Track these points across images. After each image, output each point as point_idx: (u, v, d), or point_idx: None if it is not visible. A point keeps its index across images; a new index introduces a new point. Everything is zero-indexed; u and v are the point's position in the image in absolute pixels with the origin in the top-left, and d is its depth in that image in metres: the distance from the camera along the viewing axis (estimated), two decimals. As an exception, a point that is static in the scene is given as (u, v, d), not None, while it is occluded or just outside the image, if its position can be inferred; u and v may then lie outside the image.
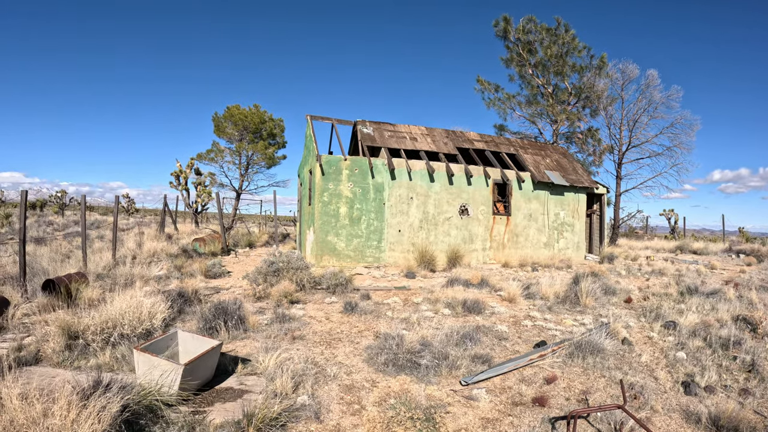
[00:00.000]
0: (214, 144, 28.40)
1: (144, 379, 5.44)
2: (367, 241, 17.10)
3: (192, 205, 30.18)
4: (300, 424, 5.05)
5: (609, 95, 30.30)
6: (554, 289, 11.44)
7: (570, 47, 29.65)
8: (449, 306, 10.21)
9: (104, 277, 12.50)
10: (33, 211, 46.68)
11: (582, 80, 30.15)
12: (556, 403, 5.61)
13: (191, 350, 6.44)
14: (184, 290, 10.53)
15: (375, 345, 7.47)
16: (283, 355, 6.95)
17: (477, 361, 6.91)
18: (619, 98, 30.27)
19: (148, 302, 8.08)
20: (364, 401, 5.66)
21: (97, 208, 61.83)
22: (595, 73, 29.68)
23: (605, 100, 30.19)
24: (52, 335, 7.37)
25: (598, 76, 29.74)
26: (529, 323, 9.19)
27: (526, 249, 19.25)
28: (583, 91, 30.01)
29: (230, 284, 13.14)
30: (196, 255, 18.68)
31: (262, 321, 9.04)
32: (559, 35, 29.69)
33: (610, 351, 7.24)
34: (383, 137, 19.27)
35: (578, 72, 30.20)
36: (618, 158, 30.21)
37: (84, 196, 14.47)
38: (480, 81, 32.82)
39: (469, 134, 21.91)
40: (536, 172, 19.83)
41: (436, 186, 18.04)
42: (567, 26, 29.75)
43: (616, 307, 10.71)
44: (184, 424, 4.88)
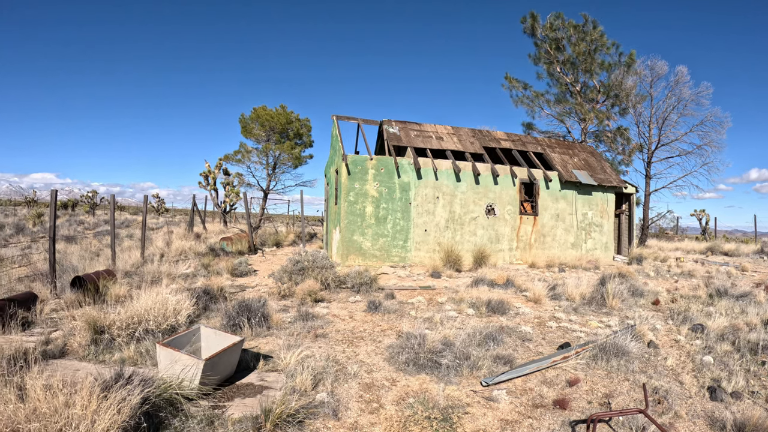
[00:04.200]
0: (241, 145, 28.54)
1: (165, 373, 5.54)
2: (393, 241, 17.08)
3: (220, 204, 30.44)
4: (317, 421, 5.08)
5: (638, 93, 29.83)
6: (580, 291, 11.34)
7: (598, 44, 29.27)
8: (473, 306, 10.18)
9: (132, 275, 12.68)
10: (65, 210, 47.31)
11: (611, 78, 29.73)
12: (578, 406, 5.55)
13: (213, 346, 6.53)
14: (209, 288, 10.69)
15: (397, 344, 7.48)
16: (305, 353, 7.02)
17: (499, 361, 6.88)
18: (648, 96, 29.80)
19: (174, 299, 8.23)
20: (383, 400, 5.66)
21: (128, 208, 62.51)
22: (624, 70, 29.20)
23: (634, 98, 29.73)
24: (78, 330, 7.57)
25: (627, 74, 29.26)
26: (553, 324, 9.12)
27: (553, 249, 19.10)
28: (612, 89, 29.56)
29: (256, 282, 13.25)
30: (223, 254, 18.83)
31: (286, 319, 9.11)
32: (587, 32, 29.33)
33: (635, 354, 7.14)
34: (409, 137, 19.24)
35: (606, 69, 29.77)
36: (647, 157, 29.79)
37: (113, 196, 14.64)
38: (508, 78, 32.56)
39: (495, 133, 21.80)
40: (564, 172, 19.66)
41: (462, 185, 17.97)
42: (595, 23, 29.38)
43: (643, 309, 10.56)
44: (203, 418, 4.96)
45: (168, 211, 57.52)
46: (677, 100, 29.06)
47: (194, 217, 26.80)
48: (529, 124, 33.06)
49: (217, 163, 30.18)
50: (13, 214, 38.40)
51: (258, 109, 27.61)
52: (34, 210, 38.70)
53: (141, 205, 65.46)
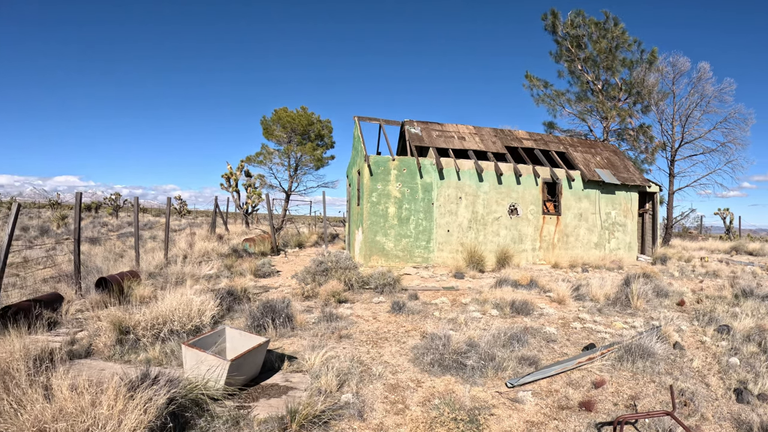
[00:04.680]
0: (263, 146, 28.66)
1: (191, 373, 5.61)
2: (416, 241, 17.10)
3: (242, 206, 30.54)
4: (343, 422, 5.10)
5: (660, 90, 29.45)
6: (605, 291, 11.29)
7: (620, 41, 29.03)
8: (497, 307, 10.17)
9: (156, 276, 12.80)
10: (88, 212, 47.81)
11: (632, 75, 29.47)
12: (604, 408, 5.55)
13: (238, 347, 6.58)
14: (233, 289, 10.75)
15: (421, 345, 7.50)
16: (329, 354, 7.05)
17: (524, 362, 6.88)
18: (671, 93, 29.38)
19: (198, 300, 8.34)
20: (408, 401, 5.68)
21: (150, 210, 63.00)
22: (646, 67, 28.88)
23: (656, 96, 29.39)
24: (103, 330, 7.65)
25: (649, 71, 28.91)
26: (578, 325, 9.09)
27: (577, 249, 19.00)
28: (634, 86, 29.30)
29: (279, 283, 13.32)
30: (246, 255, 18.91)
31: (310, 319, 9.18)
32: (608, 29, 29.11)
33: (660, 355, 7.11)
34: (431, 137, 19.25)
35: (628, 67, 29.50)
36: (671, 155, 29.44)
37: (137, 198, 14.78)
38: (529, 77, 32.41)
39: (517, 133, 21.74)
40: (586, 171, 19.56)
41: (485, 185, 17.95)
42: (616, 20, 29.15)
43: (668, 310, 10.50)
44: (228, 418, 5.01)
45: (190, 212, 57.93)
46: (700, 97, 28.66)
47: (216, 219, 26.95)
48: (551, 123, 32.93)
49: (239, 165, 30.30)
50: (37, 216, 38.84)
51: (279, 110, 27.72)
52: (58, 212, 39.16)
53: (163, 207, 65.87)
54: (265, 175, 29.96)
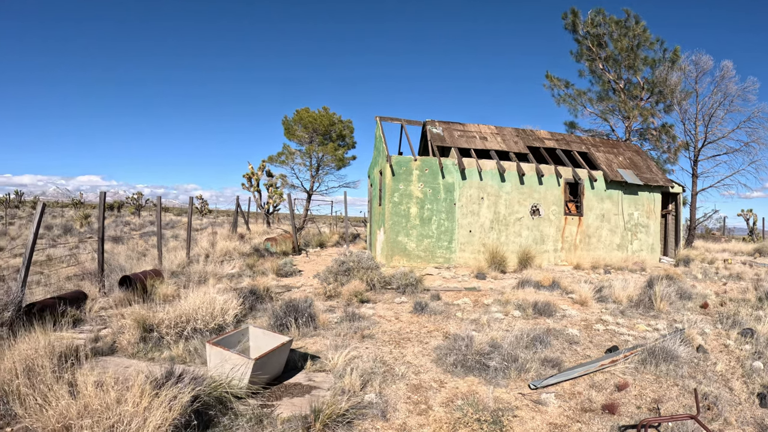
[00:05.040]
0: (284, 146, 28.88)
1: (215, 372, 5.65)
2: (438, 242, 17.12)
3: (264, 206, 30.73)
4: (366, 422, 5.13)
5: (683, 89, 28.96)
6: (627, 293, 11.25)
7: (641, 40, 28.71)
8: (519, 308, 10.19)
9: (178, 275, 12.93)
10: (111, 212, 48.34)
11: (654, 74, 29.15)
12: (627, 411, 5.54)
13: (262, 346, 6.64)
14: (255, 288, 10.86)
15: (444, 345, 7.55)
16: (352, 353, 7.08)
17: (547, 364, 6.88)
18: (693, 92, 28.89)
19: (221, 299, 8.40)
20: (431, 401, 5.71)
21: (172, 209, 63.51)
22: (668, 66, 28.48)
23: (679, 95, 28.98)
24: (127, 328, 7.73)
25: (671, 70, 28.50)
26: (600, 327, 9.08)
27: (599, 251, 18.89)
28: (656, 85, 28.95)
29: (301, 283, 13.40)
30: (267, 254, 19.03)
31: (332, 319, 9.24)
32: (629, 27, 28.82)
33: (684, 358, 7.07)
34: (453, 137, 19.25)
35: (650, 66, 29.16)
36: (694, 155, 28.98)
37: (159, 198, 14.91)
38: (549, 77, 32.23)
39: (539, 133, 21.69)
40: (609, 171, 19.44)
41: (506, 186, 17.92)
42: (637, 18, 28.83)
43: (692, 313, 10.43)
44: (252, 417, 5.05)
45: (211, 212, 58.36)
46: (723, 96, 28.15)
47: (238, 218, 27.11)
48: (572, 123, 32.73)
49: (260, 165, 30.50)
50: (60, 215, 39.34)
51: (301, 111, 27.86)
52: (81, 211, 39.66)
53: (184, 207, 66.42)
54: (286, 175, 30.17)
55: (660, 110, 30.00)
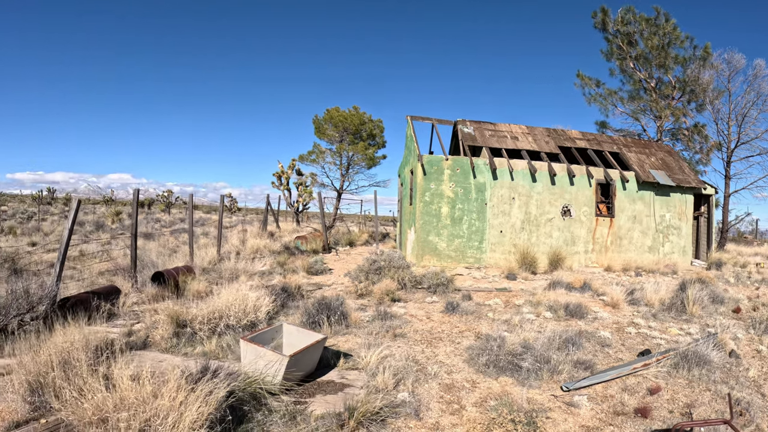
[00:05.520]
0: (315, 145, 29.00)
1: (249, 368, 5.70)
2: (468, 242, 17.14)
3: (293, 204, 30.90)
4: (399, 421, 5.16)
5: (715, 88, 28.53)
6: (659, 296, 11.18)
7: (672, 38, 28.37)
8: (551, 309, 10.20)
9: (209, 271, 13.11)
10: (141, 209, 49.01)
11: (686, 73, 28.78)
12: (659, 415, 5.53)
13: (295, 343, 6.68)
14: (287, 285, 10.98)
15: (476, 345, 7.56)
16: (384, 352, 7.10)
17: (579, 366, 6.88)
18: (726, 91, 28.45)
19: (253, 296, 8.49)
20: (464, 401, 5.73)
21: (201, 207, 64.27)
22: (700, 64, 28.06)
23: (711, 94, 28.55)
24: (161, 323, 7.82)
25: (703, 68, 28.08)
26: (632, 330, 9.05)
27: (630, 253, 18.74)
28: (688, 84, 28.56)
29: (332, 281, 13.51)
30: (297, 252, 19.19)
31: (364, 318, 9.30)
32: (659, 25, 28.51)
33: (716, 363, 7.02)
34: (484, 136, 19.25)
35: (681, 64, 28.79)
36: (726, 156, 28.52)
37: (191, 195, 15.13)
38: (580, 76, 32.07)
39: (570, 132, 21.59)
40: (641, 172, 19.28)
41: (538, 186, 17.90)
42: (667, 15, 28.50)
43: (724, 317, 10.32)
44: (285, 413, 5.09)
45: (240, 210, 58.92)
46: (756, 95, 27.65)
47: (268, 216, 27.29)
48: (603, 123, 32.51)
49: (290, 164, 30.68)
50: (92, 212, 39.92)
51: (331, 110, 27.99)
52: (112, 208, 40.29)
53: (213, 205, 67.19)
54: (317, 174, 30.34)
55: (692, 110, 29.71)
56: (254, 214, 55.87)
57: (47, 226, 25.89)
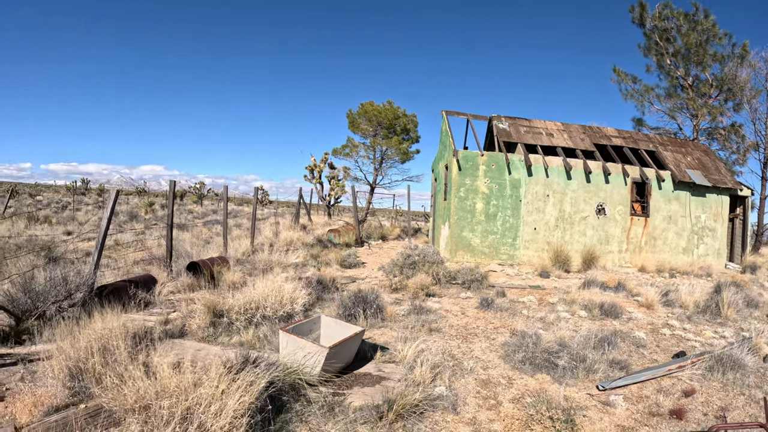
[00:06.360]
0: (348, 139, 29.10)
1: (287, 359, 5.79)
2: (502, 238, 17.18)
3: (325, 197, 31.07)
4: (437, 414, 5.23)
5: (752, 87, 27.81)
6: (694, 298, 11.15)
7: (710, 35, 27.84)
8: (585, 308, 10.22)
9: (243, 263, 13.27)
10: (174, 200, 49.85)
11: (723, 71, 28.24)
12: (693, 418, 5.56)
13: (333, 335, 6.79)
14: (322, 278, 11.17)
15: (511, 342, 7.62)
16: (421, 346, 7.19)
17: (614, 366, 6.92)
18: (764, 90, 27.81)
19: (289, 287, 8.59)
20: (500, 397, 5.80)
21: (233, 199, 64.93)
22: (737, 62, 27.51)
23: (748, 93, 27.86)
24: (197, 312, 8.07)
25: (741, 66, 27.56)
26: (667, 332, 9.05)
27: (664, 254, 18.59)
28: (725, 82, 27.99)
29: (365, 275, 13.64)
30: (330, 245, 19.35)
31: (399, 311, 9.39)
32: (697, 21, 28.00)
33: (750, 368, 7.01)
34: (519, 133, 19.24)
35: (719, 62, 28.20)
36: (763, 157, 27.80)
37: (226, 187, 15.35)
38: (617, 71, 31.73)
39: (606, 130, 21.45)
40: (677, 171, 19.12)
41: (573, 184, 17.86)
42: (706, 11, 27.93)
43: (759, 322, 10.24)
44: (324, 404, 5.18)
45: (272, 202, 59.41)
46: (794, 95, 27.43)
47: (300, 209, 27.47)
48: (640, 120, 32.17)
49: (323, 157, 30.85)
50: (125, 202, 40.57)
51: (365, 104, 28.06)
52: (145, 199, 40.99)
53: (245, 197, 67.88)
54: (350, 168, 30.44)
55: (729, 109, 29.20)
56: (285, 206, 56.25)
57: (81, 216, 26.32)
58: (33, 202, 37.65)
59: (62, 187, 67.22)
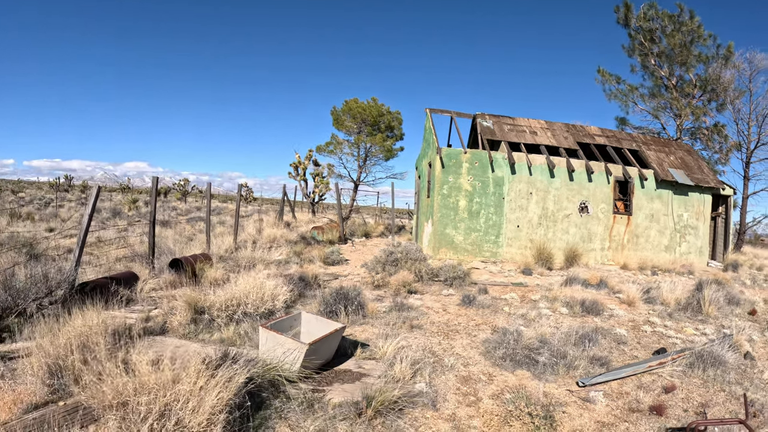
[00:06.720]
0: (332, 136, 29.03)
1: (267, 355, 5.75)
2: (485, 236, 17.18)
3: (309, 195, 31.01)
4: (416, 410, 5.19)
5: (736, 87, 28.18)
6: (675, 295, 11.17)
7: (695, 35, 28.08)
8: (567, 305, 10.22)
9: (226, 260, 13.17)
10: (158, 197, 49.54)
11: (707, 71, 28.51)
12: (674, 414, 5.55)
13: (313, 331, 6.73)
14: (304, 275, 11.12)
15: (492, 339, 7.60)
16: (401, 343, 7.14)
17: (595, 363, 6.91)
18: (747, 91, 28.02)
19: (270, 284, 8.55)
20: (480, 393, 5.77)
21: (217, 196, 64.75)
22: (722, 63, 27.80)
23: (732, 93, 28.19)
24: (179, 309, 7.89)
25: (725, 67, 27.83)
26: (648, 329, 9.05)
27: (646, 251, 18.68)
28: (709, 83, 28.30)
29: (348, 272, 13.59)
30: (314, 242, 19.32)
31: (380, 308, 9.36)
32: (682, 22, 28.18)
33: (731, 364, 7.01)
34: (503, 131, 19.23)
35: (703, 62, 28.51)
36: (746, 157, 28.17)
37: (209, 184, 15.25)
38: (601, 72, 31.96)
39: (589, 128, 21.50)
40: (660, 170, 19.20)
41: (556, 182, 17.89)
42: (691, 12, 28.16)
43: (740, 319, 10.28)
44: (303, 400, 5.12)
45: (256, 199, 59.27)
46: (778, 96, 27.63)
47: (284, 206, 27.39)
48: (623, 120, 32.40)
49: (307, 154, 30.77)
50: (108, 199, 40.38)
51: (350, 101, 28.00)
52: (128, 196, 40.74)
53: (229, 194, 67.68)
54: (334, 165, 30.41)
55: (712, 109, 29.48)
56: (270, 204, 56.09)
57: (64, 213, 26.13)
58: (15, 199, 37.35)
59: (45, 183, 66.93)
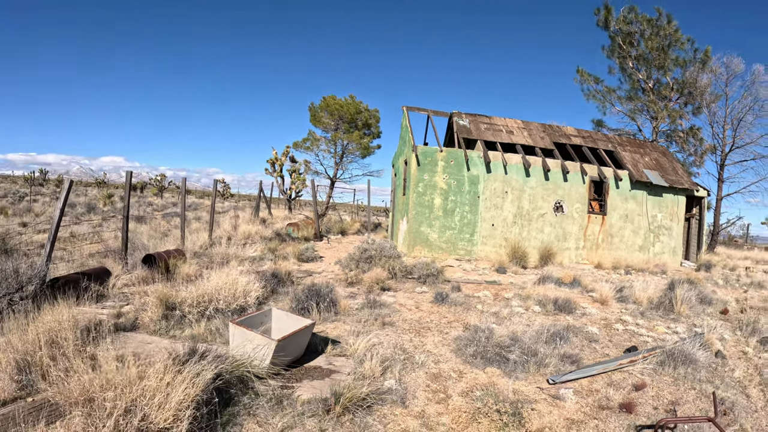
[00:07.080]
0: (310, 133, 28.97)
1: (237, 351, 5.69)
2: (460, 234, 17.17)
3: (286, 191, 30.91)
4: (385, 407, 5.16)
5: (712, 91, 28.59)
6: (648, 294, 11.21)
7: (672, 39, 28.49)
8: (540, 303, 10.21)
9: (201, 256, 13.07)
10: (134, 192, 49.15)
11: (684, 75, 28.88)
12: (644, 411, 5.54)
13: (284, 327, 6.67)
14: (277, 271, 10.94)
15: (464, 336, 7.56)
16: (373, 340, 7.11)
17: (566, 360, 6.90)
18: (723, 95, 28.46)
19: (243, 280, 8.49)
20: (450, 390, 5.74)
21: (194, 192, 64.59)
22: (699, 67, 28.19)
23: (708, 97, 28.57)
24: (150, 305, 7.76)
25: (702, 71, 28.19)
26: (620, 327, 9.07)
27: (620, 251, 18.81)
28: (686, 86, 28.69)
29: (322, 269, 13.53)
30: (289, 239, 19.21)
31: (353, 305, 9.31)
32: (660, 27, 28.57)
33: (702, 363, 7.03)
34: (479, 129, 19.24)
35: (681, 66, 28.94)
36: (720, 159, 28.60)
37: (184, 179, 15.11)
38: (580, 72, 32.22)
39: (566, 129, 21.59)
40: (634, 171, 19.33)
41: (531, 181, 17.91)
42: (669, 17, 28.59)
43: (712, 318, 10.34)
44: (272, 397, 5.09)
45: (233, 196, 59.29)
46: (753, 101, 27.66)
47: (260, 203, 27.27)
48: (600, 122, 32.68)
49: (285, 151, 30.68)
50: (84, 194, 39.88)
51: (328, 98, 27.95)
52: (104, 191, 40.38)
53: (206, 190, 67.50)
54: (311, 162, 30.33)
55: (688, 112, 29.82)
56: (246, 200, 56.01)
57: (38, 207, 25.79)
58: (-11, 193, 36.91)
59: (20, 177, 66.43)
